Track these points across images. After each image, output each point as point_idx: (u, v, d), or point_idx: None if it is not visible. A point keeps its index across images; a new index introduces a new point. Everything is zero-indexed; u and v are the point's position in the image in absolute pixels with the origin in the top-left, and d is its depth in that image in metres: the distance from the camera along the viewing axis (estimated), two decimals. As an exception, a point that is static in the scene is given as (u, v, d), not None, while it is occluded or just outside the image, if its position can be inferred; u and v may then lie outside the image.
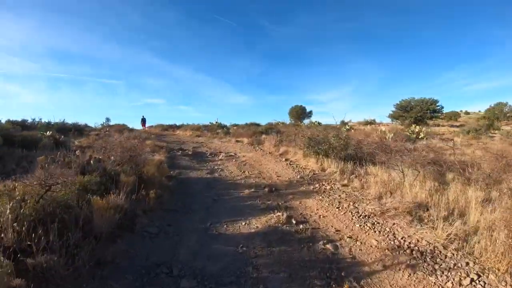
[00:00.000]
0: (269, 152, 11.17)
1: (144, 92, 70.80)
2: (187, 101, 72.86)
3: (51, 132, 11.76)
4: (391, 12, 55.12)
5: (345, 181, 6.82)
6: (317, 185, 6.67)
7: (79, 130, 17.70)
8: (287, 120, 34.71)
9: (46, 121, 17.48)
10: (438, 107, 25.18)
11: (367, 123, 29.65)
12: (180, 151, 11.07)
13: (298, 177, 7.31)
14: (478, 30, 55.19)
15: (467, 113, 43.75)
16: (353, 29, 58.21)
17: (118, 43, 60.63)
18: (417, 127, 17.32)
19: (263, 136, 17.42)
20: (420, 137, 15.65)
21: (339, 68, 67.30)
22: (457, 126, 25.19)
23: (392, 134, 14.15)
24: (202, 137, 18.51)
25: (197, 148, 12.69)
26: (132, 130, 19.88)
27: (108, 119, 23.34)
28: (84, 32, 57.06)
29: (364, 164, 7.91)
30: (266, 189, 6.29)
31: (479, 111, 41.03)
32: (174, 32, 61.09)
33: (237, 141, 15.80)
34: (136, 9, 55.93)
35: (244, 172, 8.07)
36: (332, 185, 6.67)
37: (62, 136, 11.35)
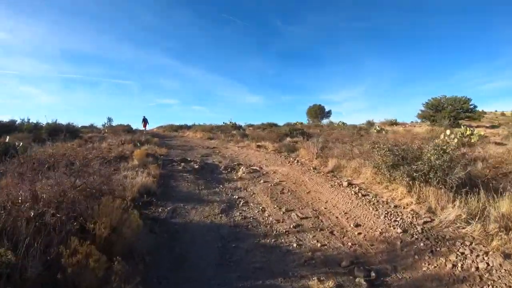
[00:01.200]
0: (313, 168, 7.67)
1: (157, 93, 70.50)
2: (201, 101, 71.94)
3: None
4: (404, 10, 51.78)
5: (501, 245, 3.25)
6: (452, 258, 3.13)
7: (73, 131, 14.92)
8: (305, 120, 31.49)
9: (35, 121, 14.85)
10: (471, 107, 21.20)
11: (392, 123, 25.81)
12: (183, 164, 7.79)
13: (399, 231, 3.74)
14: (492, 28, 50.03)
15: (483, 112, 39.64)
16: (366, 28, 55.59)
17: (131, 44, 59.96)
18: (468, 129, 13.18)
19: (288, 139, 13.96)
20: (472, 141, 11.50)
21: (352, 68, 64.73)
22: (490, 127, 20.61)
23: (456, 140, 10.19)
24: (215, 140, 15.26)
25: (207, 158, 9.39)
26: (133, 131, 16.97)
27: (110, 119, 20.71)
28: (98, 33, 56.76)
29: (487, 195, 4.29)
30: (358, 274, 2.81)
31: (496, 111, 36.74)
32: (187, 32, 60.09)
33: (258, 146, 12.41)
34: (149, 10, 55.09)
35: (286, 210, 4.62)
36: (482, 257, 3.12)
37: (8, 138, 8.31)
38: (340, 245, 3.45)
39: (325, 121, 29.97)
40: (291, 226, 3.97)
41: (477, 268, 3.00)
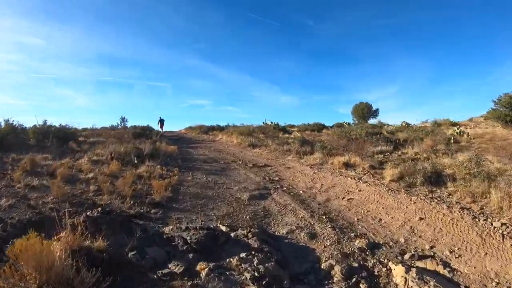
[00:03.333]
0: None
1: (190, 93, 68.98)
2: (233, 102, 69.06)
3: None
4: (437, 6, 47.43)
5: None
6: None
7: (64, 137, 10.67)
8: (350, 119, 26.33)
9: (19, 123, 10.88)
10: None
11: (451, 124, 19.13)
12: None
13: None
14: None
15: None
16: (398, 25, 52.09)
17: (164, 47, 59.91)
18: None
19: (372, 149, 8.08)
20: None
21: (385, 66, 60.37)
22: None
23: None
24: (261, 150, 9.91)
25: (268, 215, 4.00)
26: (146, 134, 12.35)
27: (123, 119, 16.52)
28: (132, 37, 57.79)
29: None
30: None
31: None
32: (218, 34, 59.25)
33: (345, 164, 6.74)
34: (180, 13, 55.01)
35: None
36: None
37: None
38: None
39: (372, 121, 25.06)
40: None
41: None
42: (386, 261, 2.74)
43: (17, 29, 50.07)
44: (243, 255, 2.56)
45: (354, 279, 2.41)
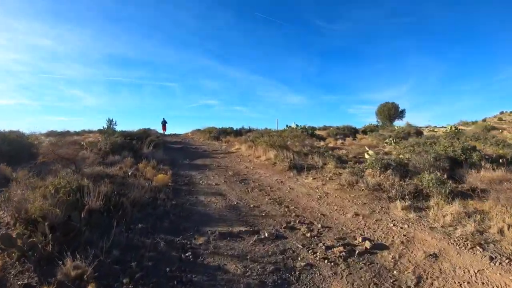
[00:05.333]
0: None
1: (200, 94, 69.26)
2: (242, 101, 69.64)
3: None
4: (448, 4, 47.79)
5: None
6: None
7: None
8: (374, 120, 24.64)
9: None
10: None
11: (486, 127, 15.82)
12: None
13: None
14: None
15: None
16: (409, 23, 51.91)
17: (173, 47, 60.42)
18: None
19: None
20: None
21: (395, 65, 60.55)
22: None
23: None
24: (317, 181, 5.66)
25: None
26: (134, 147, 8.27)
27: (111, 121, 12.44)
28: (141, 38, 58.66)
29: None
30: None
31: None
32: (228, 34, 59.84)
33: None
34: (190, 13, 55.90)
35: None
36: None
37: None
38: None
39: (398, 123, 22.14)
40: None
41: None
42: None
43: (29, 31, 50.36)
44: None
45: None
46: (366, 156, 6.91)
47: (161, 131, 18.33)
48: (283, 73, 65.96)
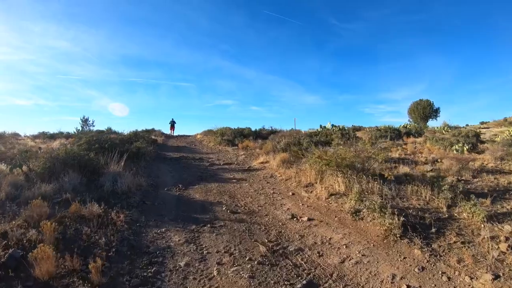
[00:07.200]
0: None
1: (215, 94, 69.09)
2: (257, 102, 68.81)
3: None
4: (462, 1, 44.91)
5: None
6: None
7: None
8: (406, 120, 21.63)
9: None
10: None
11: None
12: None
13: None
14: None
15: None
16: (422, 21, 49.31)
17: (188, 48, 60.36)
18: None
19: None
20: None
21: (410, 64, 57.94)
22: None
23: None
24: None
25: None
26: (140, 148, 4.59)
27: (86, 120, 8.99)
28: (157, 39, 58.29)
29: None
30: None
31: None
32: (242, 34, 59.14)
33: None
34: (204, 14, 55.26)
35: None
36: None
37: None
38: None
39: (432, 123, 19.26)
40: None
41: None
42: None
43: (45, 33, 50.35)
44: None
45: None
46: None
47: (169, 132, 16.79)
48: (298, 73, 65.63)
